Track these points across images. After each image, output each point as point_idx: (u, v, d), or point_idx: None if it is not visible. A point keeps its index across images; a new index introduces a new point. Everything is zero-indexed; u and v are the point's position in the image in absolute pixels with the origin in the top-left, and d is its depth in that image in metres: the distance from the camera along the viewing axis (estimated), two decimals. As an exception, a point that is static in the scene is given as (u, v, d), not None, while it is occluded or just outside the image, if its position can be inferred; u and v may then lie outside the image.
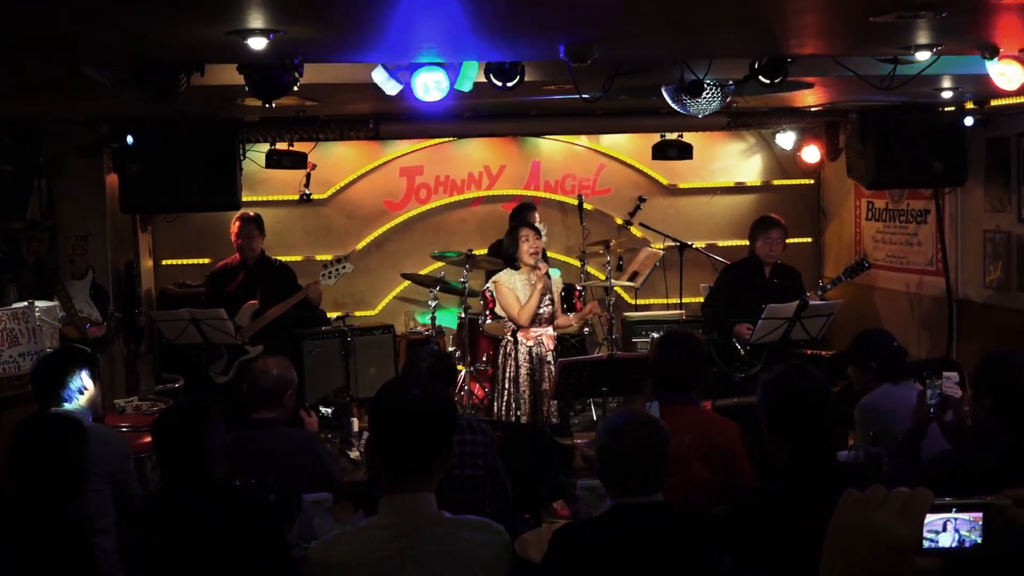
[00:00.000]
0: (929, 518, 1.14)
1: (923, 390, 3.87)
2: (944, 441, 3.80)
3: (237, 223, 7.09)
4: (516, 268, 6.37)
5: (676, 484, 3.41)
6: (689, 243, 8.62)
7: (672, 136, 8.53)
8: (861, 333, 4.82)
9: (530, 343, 6.34)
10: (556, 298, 6.52)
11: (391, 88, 4.89)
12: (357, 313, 8.94)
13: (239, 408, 4.63)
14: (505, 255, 6.49)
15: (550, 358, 6.40)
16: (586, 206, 8.98)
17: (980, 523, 1.15)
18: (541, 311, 6.35)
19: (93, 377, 4.28)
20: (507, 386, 6.34)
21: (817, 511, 1.50)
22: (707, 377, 4.28)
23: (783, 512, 3.04)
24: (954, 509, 1.15)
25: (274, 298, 6.92)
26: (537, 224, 7.11)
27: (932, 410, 3.80)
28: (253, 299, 6.92)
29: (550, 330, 6.46)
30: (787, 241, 7.15)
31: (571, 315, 6.70)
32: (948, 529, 1.14)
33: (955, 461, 3.46)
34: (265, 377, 4.30)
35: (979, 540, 1.15)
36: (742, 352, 6.73)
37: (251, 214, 7.18)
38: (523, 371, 6.28)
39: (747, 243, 7.17)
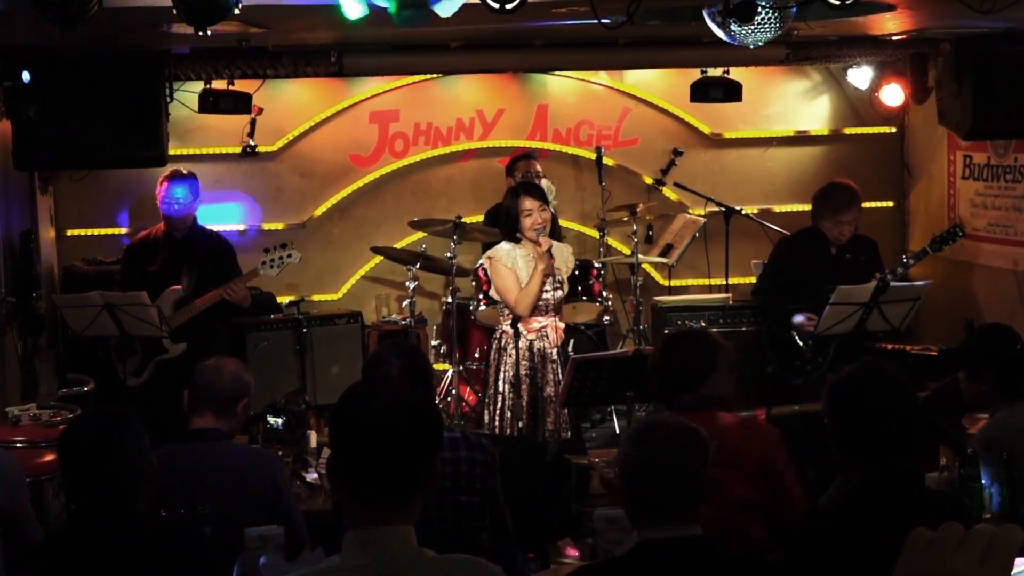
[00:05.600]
0: (1020, 563, 1.13)
1: None
2: None
3: (164, 184, 7.08)
4: (516, 241, 6.31)
5: (705, 507, 3.41)
6: (737, 208, 8.62)
7: (716, 72, 8.52)
8: (978, 329, 4.73)
9: (531, 336, 6.33)
10: (565, 279, 6.45)
11: (355, 10, 4.87)
12: (315, 297, 8.95)
13: (163, 417, 4.63)
14: (505, 225, 6.39)
15: (556, 355, 6.40)
16: (606, 161, 8.98)
17: None
18: (545, 297, 6.30)
19: None
20: (501, 389, 6.33)
21: (897, 549, 1.51)
22: (712, 372, 4.30)
23: (853, 549, 3.04)
24: None
25: (207, 282, 6.92)
26: (542, 182, 7.10)
27: None
28: (179, 283, 6.92)
29: (557, 320, 6.43)
30: (864, 206, 7.13)
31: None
32: None
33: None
34: (217, 377, 4.34)
35: None
36: (804, 349, 6.73)
37: (183, 172, 7.17)
38: (522, 371, 6.26)
39: (811, 207, 7.16)
